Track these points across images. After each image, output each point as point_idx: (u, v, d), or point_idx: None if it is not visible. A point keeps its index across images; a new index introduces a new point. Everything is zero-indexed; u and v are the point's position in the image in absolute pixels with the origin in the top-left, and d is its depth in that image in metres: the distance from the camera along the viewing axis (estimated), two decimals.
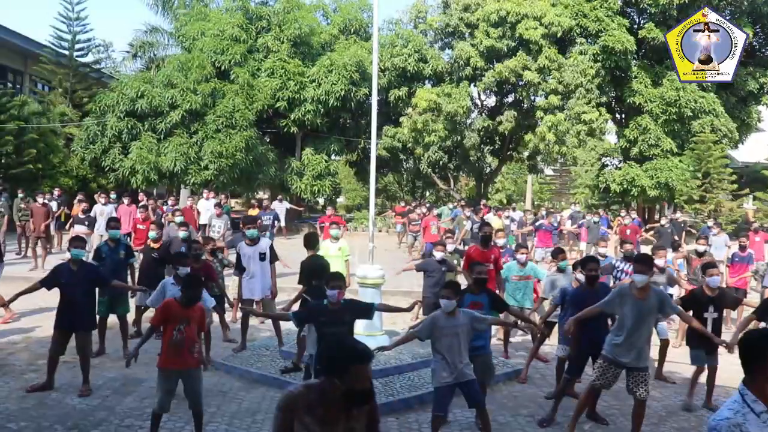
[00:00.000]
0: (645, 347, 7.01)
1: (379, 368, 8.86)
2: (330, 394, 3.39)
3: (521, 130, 32.38)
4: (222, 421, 7.53)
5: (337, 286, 6.99)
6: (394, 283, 13.48)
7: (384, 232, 31.19)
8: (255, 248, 10.48)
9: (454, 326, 6.74)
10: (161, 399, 6.61)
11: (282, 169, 30.39)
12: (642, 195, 30.72)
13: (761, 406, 3.19)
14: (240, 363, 9.58)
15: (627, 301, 6.86)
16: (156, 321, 6.75)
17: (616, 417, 7.92)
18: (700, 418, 8.14)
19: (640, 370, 6.91)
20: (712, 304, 8.29)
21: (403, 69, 32.21)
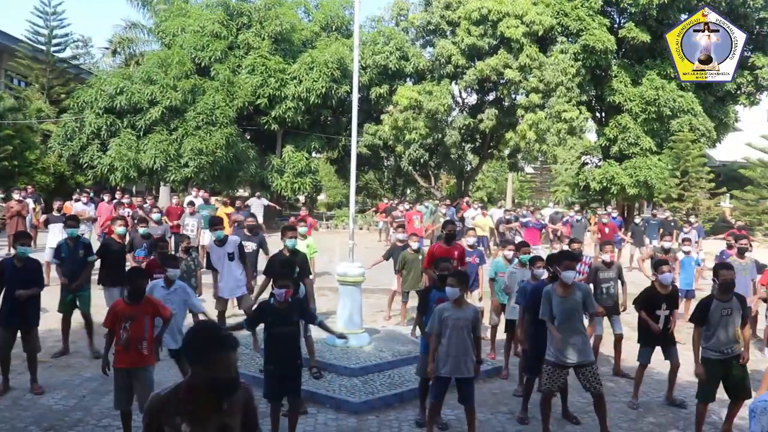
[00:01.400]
0: (583, 342, 7.04)
1: (359, 366, 8.84)
2: (197, 389, 3.22)
3: (502, 128, 32.47)
4: None
5: (285, 285, 6.86)
6: (375, 280, 13.44)
7: (365, 229, 31.21)
8: (223, 248, 10.45)
9: (458, 318, 6.74)
10: (116, 397, 6.66)
11: (262, 166, 30.27)
12: (621, 193, 30.91)
13: None
14: None
15: (553, 301, 6.96)
16: (107, 322, 6.67)
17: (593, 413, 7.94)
18: (676, 414, 8.19)
19: (586, 365, 6.94)
20: (665, 302, 8.32)
21: (385, 66, 32.20)
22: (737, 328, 7.12)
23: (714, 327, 7.06)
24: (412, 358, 9.27)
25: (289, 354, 6.67)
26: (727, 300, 7.11)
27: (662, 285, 8.36)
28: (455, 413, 7.59)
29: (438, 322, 6.75)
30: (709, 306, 7.14)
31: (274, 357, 6.62)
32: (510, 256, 10.37)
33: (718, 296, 7.18)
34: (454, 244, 10.55)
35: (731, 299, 7.15)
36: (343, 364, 8.89)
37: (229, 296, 10.57)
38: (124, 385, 6.58)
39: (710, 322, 7.09)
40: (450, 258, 9.06)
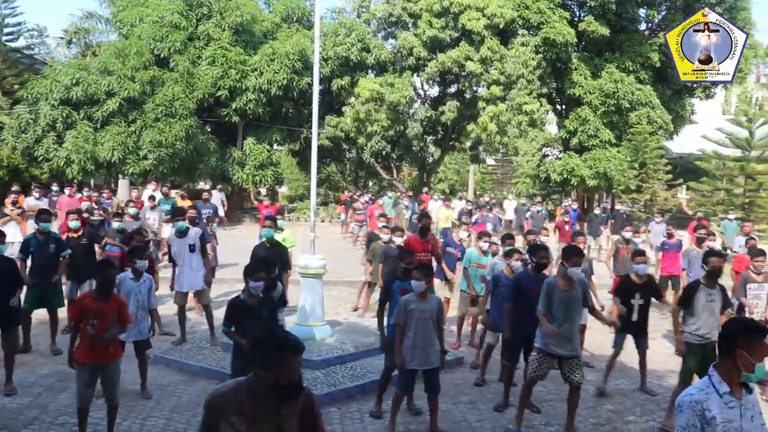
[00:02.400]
0: (577, 336, 7.09)
1: (321, 358, 8.82)
2: (259, 390, 3.19)
3: (463, 120, 32.57)
4: (161, 415, 7.38)
5: (260, 278, 6.80)
6: (337, 272, 13.42)
7: (327, 222, 31.13)
8: (184, 240, 10.31)
9: (424, 310, 6.79)
10: (80, 393, 6.47)
11: (223, 158, 29.94)
12: (581, 184, 31.25)
13: (725, 387, 3.52)
14: (180, 356, 9.41)
15: (555, 294, 6.91)
16: (72, 316, 6.53)
17: (554, 402, 8.03)
18: (634, 401, 8.33)
19: (574, 357, 6.96)
20: (639, 292, 8.45)
21: (346, 58, 32.04)
22: (718, 316, 7.29)
23: (698, 312, 7.24)
24: (374, 349, 9.27)
25: None
26: (713, 287, 7.32)
27: (638, 275, 8.51)
28: (419, 404, 7.61)
29: (403, 313, 6.79)
30: (696, 291, 7.32)
31: (242, 353, 6.49)
32: (485, 248, 10.44)
33: (705, 283, 7.37)
34: (429, 237, 10.55)
35: (717, 287, 7.36)
36: (305, 356, 8.82)
37: (189, 289, 10.42)
38: (89, 381, 6.44)
39: (695, 307, 7.27)
40: (424, 251, 9.10)
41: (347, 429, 7.18)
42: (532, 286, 7.49)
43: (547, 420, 7.57)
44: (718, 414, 3.46)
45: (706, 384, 3.57)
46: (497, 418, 7.57)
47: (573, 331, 6.97)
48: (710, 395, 3.51)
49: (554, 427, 7.38)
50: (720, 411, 3.47)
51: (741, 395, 3.55)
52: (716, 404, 3.48)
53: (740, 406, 3.53)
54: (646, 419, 7.72)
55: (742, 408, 3.54)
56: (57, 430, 6.92)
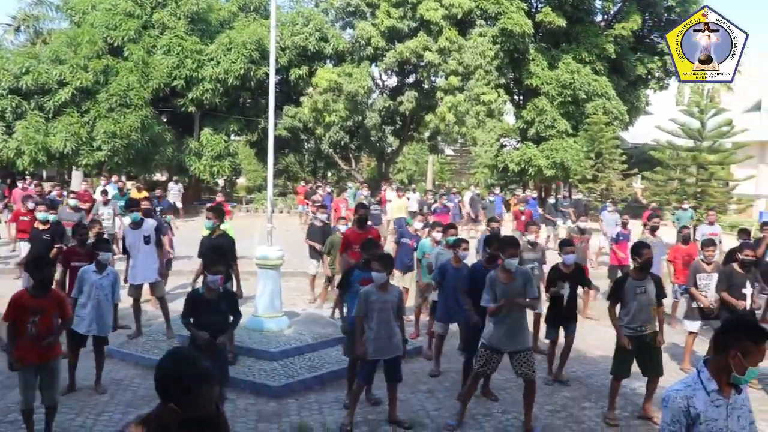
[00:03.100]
0: (522, 328, 6.99)
1: (279, 350, 8.77)
2: (170, 426, 2.77)
3: (422, 110, 32.60)
4: (116, 410, 7.26)
5: (219, 271, 6.75)
6: (294, 263, 13.33)
7: (285, 213, 30.96)
8: (139, 232, 10.09)
9: (385, 301, 6.80)
10: (23, 394, 6.23)
11: (180, 149, 29.57)
12: (539, 174, 31.55)
13: (714, 384, 3.45)
14: (135, 349, 9.27)
15: (497, 287, 6.85)
16: (7, 315, 6.15)
17: (512, 390, 8.09)
18: (590, 387, 8.45)
19: (523, 351, 6.87)
20: (567, 281, 8.56)
21: (304, 48, 31.84)
22: (653, 308, 7.28)
23: (628, 304, 7.21)
24: (332, 340, 9.27)
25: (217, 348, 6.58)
26: (641, 279, 7.26)
27: (565, 265, 8.60)
28: (377, 393, 7.60)
29: (365, 305, 6.79)
30: (624, 284, 7.31)
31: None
32: (439, 238, 10.47)
33: (633, 275, 7.34)
34: (367, 228, 10.54)
35: (646, 278, 7.30)
36: (262, 348, 8.80)
37: (143, 281, 10.22)
38: (32, 382, 6.23)
39: (625, 299, 7.24)
40: (377, 242, 9.08)
41: (305, 420, 7.14)
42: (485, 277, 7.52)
43: (504, 408, 7.63)
44: (702, 411, 3.41)
45: (695, 380, 3.51)
46: (455, 406, 7.59)
47: (518, 325, 6.91)
48: (697, 391, 3.45)
49: (511, 414, 7.43)
50: (705, 408, 3.42)
51: (729, 394, 3.48)
52: (702, 401, 3.43)
53: (727, 405, 3.47)
54: (602, 405, 7.82)
55: (729, 407, 3.47)
56: (6, 428, 6.76)
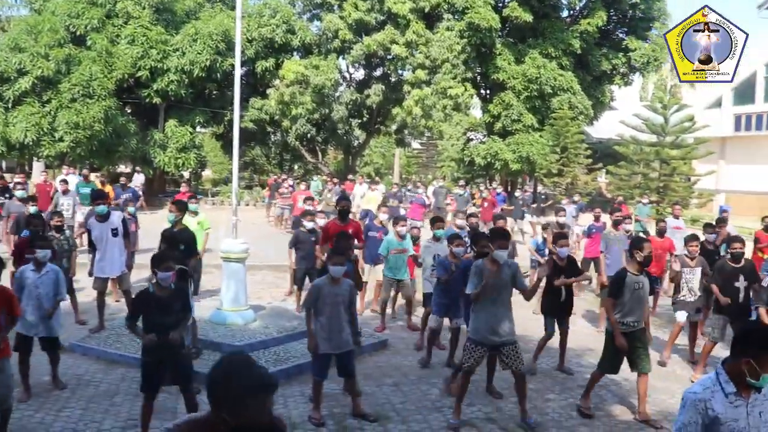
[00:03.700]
0: (509, 321, 6.91)
1: (243, 343, 8.71)
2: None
3: (389, 103, 32.59)
4: (77, 405, 7.16)
5: (170, 267, 6.24)
6: (260, 256, 13.28)
7: (252, 205, 30.78)
8: (106, 224, 9.91)
9: (337, 294, 6.76)
10: None
11: (144, 141, 29.12)
12: (505, 168, 31.77)
13: (732, 387, 3.46)
14: (97, 344, 9.14)
15: (484, 276, 6.77)
16: None
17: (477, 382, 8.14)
18: (554, 379, 8.52)
19: (510, 344, 6.82)
20: (563, 274, 8.64)
21: (271, 40, 31.57)
22: (645, 303, 7.33)
23: (626, 301, 7.15)
24: (298, 333, 9.26)
25: (171, 346, 6.13)
26: (639, 274, 7.22)
27: (560, 258, 8.68)
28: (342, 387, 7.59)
29: (315, 297, 6.76)
30: (624, 279, 7.20)
31: (153, 348, 6.09)
32: (403, 232, 10.48)
33: (633, 270, 7.24)
34: (348, 221, 10.53)
35: (642, 274, 7.27)
36: (227, 341, 8.74)
37: (110, 275, 10.08)
38: None
39: (623, 295, 7.17)
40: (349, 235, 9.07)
41: None
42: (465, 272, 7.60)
43: (470, 401, 7.66)
44: (722, 413, 3.43)
45: (713, 382, 3.52)
46: (421, 399, 7.63)
47: (504, 317, 6.86)
48: (716, 394, 3.48)
49: (476, 407, 7.47)
50: (725, 410, 3.44)
51: (749, 394, 3.51)
52: (721, 403, 3.45)
53: (747, 405, 3.49)
54: (566, 397, 7.91)
55: (749, 406, 3.50)
56: None
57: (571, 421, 7.21)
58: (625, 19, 35.58)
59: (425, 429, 6.87)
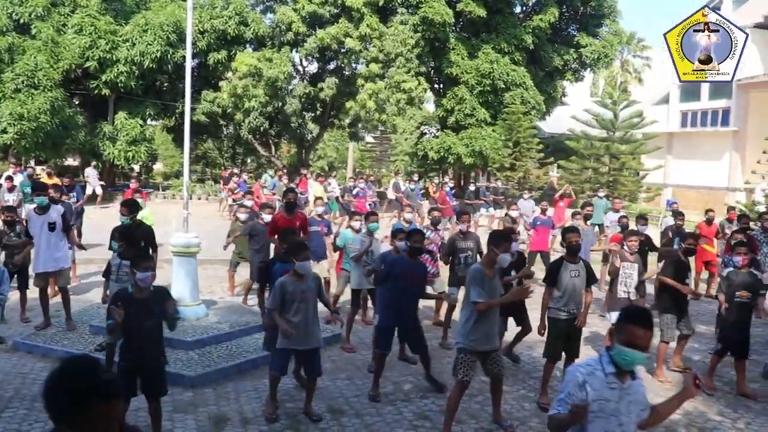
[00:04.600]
0: (495, 327, 6.77)
1: (195, 339, 8.62)
2: None
3: (342, 97, 32.50)
4: (21, 405, 6.97)
5: (150, 267, 5.95)
6: (213, 250, 13.11)
7: (204, 199, 30.44)
8: (44, 217, 9.61)
9: (304, 290, 6.64)
10: None
11: (93, 133, 28.53)
12: (458, 162, 31.95)
13: (612, 368, 3.65)
14: (43, 341, 8.92)
15: (485, 283, 6.43)
16: None
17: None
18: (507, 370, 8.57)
19: (496, 350, 6.71)
20: (513, 269, 8.69)
21: (223, 32, 31.21)
22: (582, 291, 7.50)
23: (563, 287, 7.37)
24: (250, 328, 9.18)
25: (151, 352, 5.83)
26: (575, 262, 7.48)
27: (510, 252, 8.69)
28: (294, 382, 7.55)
29: (281, 297, 6.61)
30: (560, 267, 7.47)
31: (132, 354, 5.82)
32: (357, 227, 10.45)
33: (567, 258, 7.54)
34: (295, 213, 10.46)
35: (579, 262, 7.52)
36: (178, 337, 8.57)
37: (44, 270, 9.73)
38: None
39: (560, 283, 7.40)
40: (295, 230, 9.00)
41: (222, 409, 7.03)
42: (407, 270, 7.52)
43: (422, 394, 7.69)
44: (598, 391, 3.60)
45: (596, 362, 3.70)
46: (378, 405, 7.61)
47: (495, 324, 6.73)
48: (596, 372, 3.65)
49: (430, 399, 7.49)
50: (601, 389, 3.60)
51: (626, 380, 3.65)
52: (599, 382, 3.62)
53: (621, 390, 3.63)
54: (517, 388, 8.00)
55: (623, 392, 3.64)
56: None
57: (523, 412, 7.29)
58: (576, 16, 36.10)
59: (378, 422, 6.86)
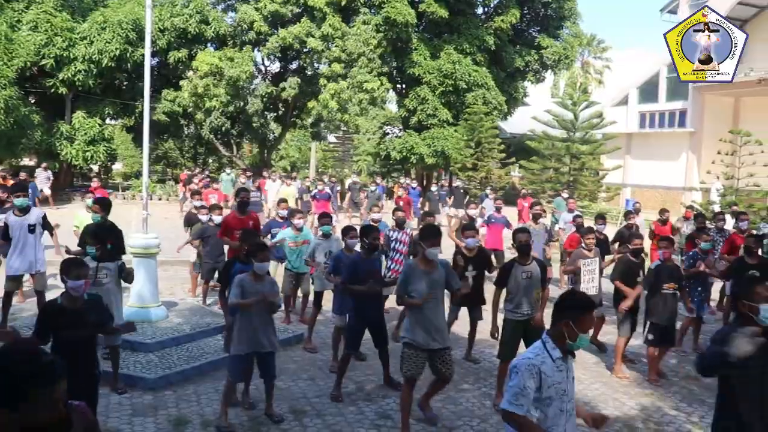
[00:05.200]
0: (444, 323, 6.72)
1: (155, 341, 8.52)
2: None
3: (305, 97, 32.42)
4: None
5: (83, 275, 5.50)
6: (173, 251, 12.96)
7: (164, 200, 30.11)
8: (23, 219, 9.38)
9: (259, 292, 6.53)
10: None
11: (50, 133, 28.01)
12: (420, 162, 32.04)
13: (558, 353, 3.90)
14: None
15: (417, 277, 6.45)
16: None
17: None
18: (467, 369, 8.64)
19: (446, 349, 6.59)
20: (471, 264, 8.76)
21: (184, 30, 30.88)
22: (537, 291, 7.48)
23: (515, 289, 7.35)
24: (211, 329, 9.11)
25: (82, 368, 5.12)
26: (527, 264, 7.44)
27: (468, 248, 8.76)
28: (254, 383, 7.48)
29: (240, 291, 6.51)
30: (511, 269, 7.44)
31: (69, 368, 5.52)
32: (299, 225, 10.42)
33: (519, 260, 7.49)
34: (248, 213, 10.38)
35: (531, 263, 7.48)
36: (138, 339, 8.49)
37: (26, 271, 9.53)
38: None
39: (512, 284, 7.38)
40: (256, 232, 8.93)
41: (183, 412, 6.95)
42: (365, 268, 7.53)
43: (384, 393, 7.70)
44: (550, 376, 3.84)
45: (541, 349, 3.92)
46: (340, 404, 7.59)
47: (441, 319, 6.59)
48: (545, 360, 3.87)
49: (392, 398, 7.50)
50: (552, 374, 3.85)
51: (567, 359, 3.96)
52: (549, 367, 3.86)
53: (566, 370, 3.95)
54: (479, 386, 8.04)
55: (568, 372, 3.97)
56: None
57: (484, 410, 7.33)
58: (537, 18, 36.47)
59: (340, 422, 6.85)
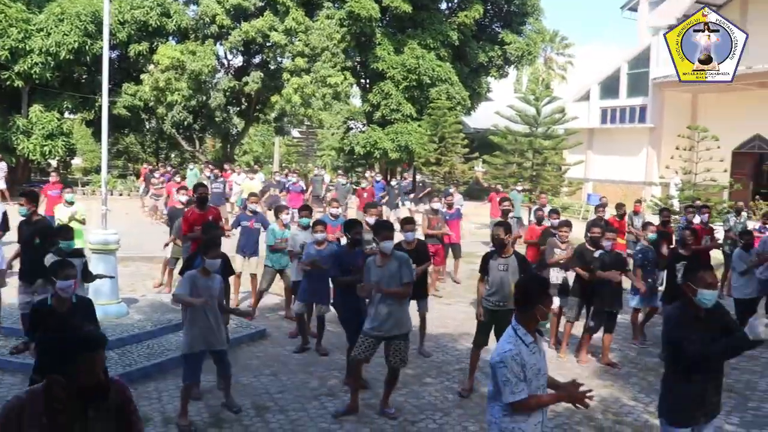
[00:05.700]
0: (401, 315, 6.81)
1: (115, 338, 8.37)
2: (56, 397, 2.83)
3: (268, 91, 32.21)
4: None
5: (72, 275, 5.57)
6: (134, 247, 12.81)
7: (126, 195, 29.72)
8: None
9: (210, 288, 6.50)
10: None
11: (5, 127, 27.41)
12: (384, 157, 32.08)
13: (530, 338, 4.11)
14: None
15: (372, 271, 6.78)
16: None
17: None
18: (430, 363, 8.67)
19: (399, 338, 6.75)
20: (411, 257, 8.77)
21: (145, 23, 30.43)
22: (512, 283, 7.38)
23: (492, 280, 7.54)
24: (173, 326, 9.01)
25: None
26: (504, 256, 7.53)
27: (407, 242, 8.71)
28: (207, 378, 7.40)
29: (189, 289, 6.43)
30: (489, 259, 7.65)
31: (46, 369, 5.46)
32: (286, 221, 10.37)
33: (498, 252, 7.62)
34: (207, 208, 10.27)
35: (510, 256, 7.56)
36: None
37: None
38: None
39: (490, 275, 7.58)
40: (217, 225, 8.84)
41: (144, 409, 6.84)
42: (350, 261, 7.66)
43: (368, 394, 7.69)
44: (529, 361, 4.05)
45: (514, 337, 4.10)
46: (299, 388, 7.59)
47: (399, 310, 6.76)
48: (521, 346, 4.06)
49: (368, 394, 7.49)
50: (529, 358, 4.06)
51: (537, 339, 4.18)
52: (526, 353, 4.06)
53: (539, 350, 4.18)
54: (441, 380, 8.08)
55: (540, 351, 4.21)
56: None
57: (447, 404, 7.36)
58: (500, 14, 36.68)
59: (303, 417, 6.83)
